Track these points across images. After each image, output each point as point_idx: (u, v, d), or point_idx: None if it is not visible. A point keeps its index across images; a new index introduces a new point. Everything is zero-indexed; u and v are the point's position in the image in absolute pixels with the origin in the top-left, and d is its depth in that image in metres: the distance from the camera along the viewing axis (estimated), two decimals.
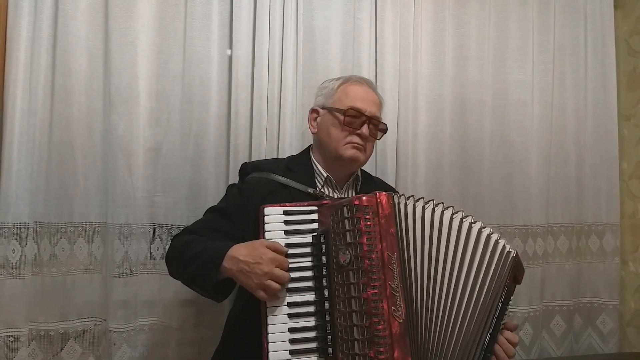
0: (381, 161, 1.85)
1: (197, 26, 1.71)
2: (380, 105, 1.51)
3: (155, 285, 1.66)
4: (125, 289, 1.61)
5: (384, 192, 1.19)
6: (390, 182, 1.82)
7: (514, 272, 1.25)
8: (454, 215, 1.24)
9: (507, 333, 1.26)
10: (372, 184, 1.56)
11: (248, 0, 1.74)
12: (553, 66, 2.02)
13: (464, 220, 1.24)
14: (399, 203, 1.21)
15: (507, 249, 1.24)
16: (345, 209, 1.18)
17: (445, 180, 1.91)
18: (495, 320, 1.20)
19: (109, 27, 1.62)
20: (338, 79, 1.53)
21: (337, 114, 1.44)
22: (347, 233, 1.17)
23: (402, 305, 1.13)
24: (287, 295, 1.18)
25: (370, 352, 1.10)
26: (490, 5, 1.98)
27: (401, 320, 1.12)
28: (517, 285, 1.28)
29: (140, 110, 1.65)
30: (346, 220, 1.17)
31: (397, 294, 1.13)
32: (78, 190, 1.60)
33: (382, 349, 1.09)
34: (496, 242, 1.23)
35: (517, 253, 1.26)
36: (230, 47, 1.75)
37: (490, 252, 1.23)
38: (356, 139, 1.43)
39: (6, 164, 1.50)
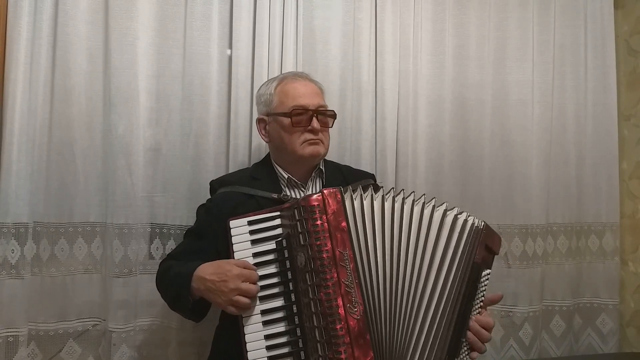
0: (381, 161, 1.85)
1: (197, 26, 1.71)
2: (321, 92, 1.50)
3: (155, 286, 1.66)
4: (125, 289, 1.61)
5: (329, 189, 1.19)
6: (390, 182, 1.82)
7: (484, 243, 1.23)
8: (405, 200, 1.22)
9: (480, 318, 1.24)
10: (338, 174, 1.54)
11: (248, 0, 1.74)
12: (553, 66, 2.02)
13: (415, 203, 1.22)
14: (346, 197, 1.19)
15: (470, 222, 1.22)
16: (296, 211, 1.18)
17: (446, 181, 1.91)
18: (465, 300, 1.19)
19: (109, 27, 1.62)
20: (272, 81, 1.52)
21: (283, 118, 1.43)
22: (300, 235, 1.17)
23: (359, 302, 1.12)
24: (259, 303, 1.19)
25: (330, 354, 1.10)
26: (490, 5, 1.97)
27: (358, 317, 1.11)
28: (517, 285, 1.27)
29: (140, 110, 1.65)
30: (298, 223, 1.17)
31: (352, 291, 1.12)
32: (78, 190, 1.61)
33: (340, 349, 1.09)
34: (455, 217, 1.22)
35: (484, 224, 1.24)
36: (230, 47, 1.75)
37: (458, 232, 1.21)
38: (309, 135, 1.42)
39: (6, 164, 1.50)
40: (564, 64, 2.04)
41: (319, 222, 1.15)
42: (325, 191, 1.18)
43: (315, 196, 1.17)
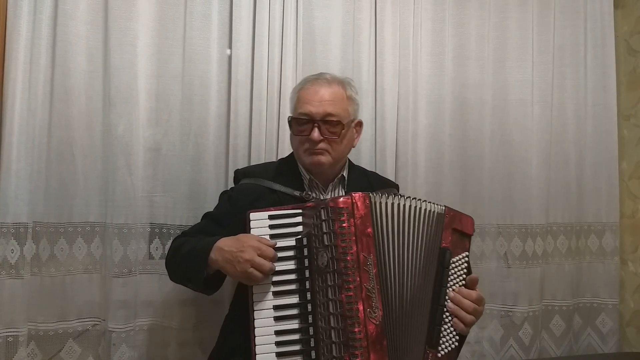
0: (381, 161, 1.85)
1: (197, 26, 1.71)
2: (335, 100, 1.42)
3: (155, 285, 1.66)
4: (125, 289, 1.61)
5: (359, 193, 1.19)
6: None
7: (450, 227, 1.25)
8: (412, 204, 1.25)
9: (462, 290, 1.26)
10: (364, 180, 1.54)
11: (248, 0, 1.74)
12: (553, 66, 2.02)
13: (417, 205, 1.25)
14: (375, 202, 1.20)
15: (435, 211, 1.25)
16: (322, 211, 1.19)
17: (445, 180, 1.91)
18: (436, 288, 1.22)
19: (109, 27, 1.62)
20: (298, 84, 1.51)
21: (290, 123, 1.45)
22: (325, 235, 1.17)
23: (378, 307, 1.13)
24: (273, 298, 1.19)
25: (346, 356, 1.10)
26: (490, 5, 1.97)
27: (377, 322, 1.12)
28: (517, 285, 1.28)
29: (140, 110, 1.65)
30: (323, 223, 1.18)
31: (373, 295, 1.13)
32: (77, 190, 1.61)
33: (356, 352, 1.10)
34: (424, 210, 1.24)
35: (446, 208, 1.27)
36: (230, 46, 1.75)
37: (422, 221, 1.24)
38: (309, 145, 1.41)
39: (5, 164, 1.50)
40: (563, 64, 2.04)
41: (345, 224, 1.16)
42: (354, 195, 1.18)
43: (344, 199, 1.18)
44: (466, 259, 1.28)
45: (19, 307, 1.50)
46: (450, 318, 1.23)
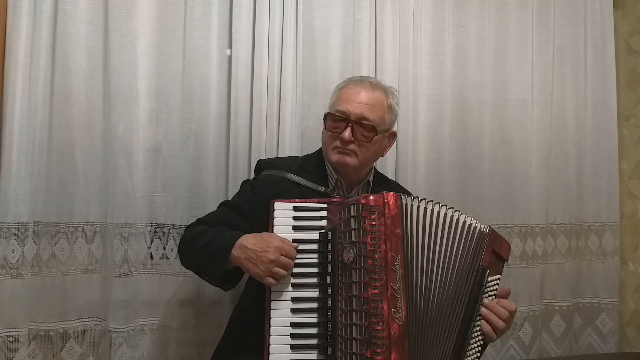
0: (381, 161, 1.84)
1: (197, 26, 1.70)
2: (375, 105, 1.41)
3: (155, 285, 1.66)
4: (125, 289, 1.61)
5: (392, 193, 1.19)
6: None
7: (490, 248, 1.25)
8: (441, 210, 1.25)
9: (501, 300, 1.25)
10: (387, 188, 1.52)
11: (248, 0, 1.74)
12: (553, 66, 2.02)
13: (440, 211, 1.25)
14: (406, 204, 1.21)
15: (478, 228, 1.25)
16: (352, 207, 1.18)
17: (445, 180, 1.91)
18: (471, 303, 1.21)
19: (109, 26, 1.62)
20: (342, 82, 1.51)
21: (325, 118, 1.44)
22: (353, 232, 1.17)
23: (402, 308, 1.13)
24: (292, 290, 1.19)
25: (367, 352, 1.10)
26: (489, 5, 1.97)
27: (401, 323, 1.12)
28: (517, 284, 1.28)
29: (140, 110, 1.65)
30: (352, 219, 1.18)
31: (399, 296, 1.13)
32: (78, 190, 1.60)
33: (378, 350, 1.09)
34: (468, 225, 1.25)
35: (490, 229, 1.27)
36: (230, 46, 1.75)
37: (465, 235, 1.24)
38: (339, 143, 1.40)
39: (6, 164, 1.50)
40: (563, 64, 2.04)
41: (375, 222, 1.16)
42: (387, 194, 1.18)
43: (375, 197, 1.18)
44: (498, 281, 1.28)
45: (20, 307, 1.50)
46: (477, 334, 1.22)
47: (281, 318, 1.18)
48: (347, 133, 1.38)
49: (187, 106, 1.71)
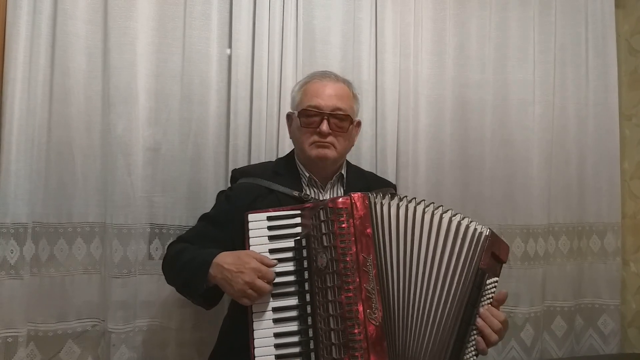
0: (381, 161, 1.85)
1: (197, 25, 1.70)
2: (347, 95, 1.44)
3: (154, 286, 1.66)
4: (124, 290, 1.60)
5: (358, 193, 1.19)
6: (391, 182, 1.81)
7: (490, 250, 1.23)
8: (426, 210, 1.23)
9: (492, 309, 1.23)
10: (362, 179, 1.54)
11: None
12: (554, 66, 2.01)
13: (435, 212, 1.23)
14: (375, 203, 1.20)
15: (479, 231, 1.23)
16: (321, 211, 1.18)
17: (446, 180, 1.90)
18: (469, 307, 1.19)
19: (108, 26, 1.61)
20: (302, 79, 1.51)
21: (298, 116, 1.44)
22: (324, 236, 1.17)
23: (378, 308, 1.12)
24: (272, 300, 1.18)
25: (345, 357, 1.09)
26: (490, 5, 1.97)
27: (377, 323, 1.11)
28: (518, 285, 1.27)
29: (140, 110, 1.64)
30: (323, 224, 1.17)
31: (373, 297, 1.12)
32: (77, 190, 1.60)
33: (357, 354, 1.09)
34: (466, 227, 1.23)
35: (490, 231, 1.25)
36: (230, 46, 1.75)
37: (461, 238, 1.22)
38: (317, 137, 1.40)
39: (5, 164, 1.50)
40: (565, 64, 2.03)
41: (345, 225, 1.15)
42: (353, 195, 1.18)
43: (343, 199, 1.18)
44: (495, 284, 1.26)
45: (19, 308, 1.50)
46: (474, 336, 1.20)
47: (264, 329, 1.17)
48: (324, 126, 1.39)
49: (186, 106, 1.70)
